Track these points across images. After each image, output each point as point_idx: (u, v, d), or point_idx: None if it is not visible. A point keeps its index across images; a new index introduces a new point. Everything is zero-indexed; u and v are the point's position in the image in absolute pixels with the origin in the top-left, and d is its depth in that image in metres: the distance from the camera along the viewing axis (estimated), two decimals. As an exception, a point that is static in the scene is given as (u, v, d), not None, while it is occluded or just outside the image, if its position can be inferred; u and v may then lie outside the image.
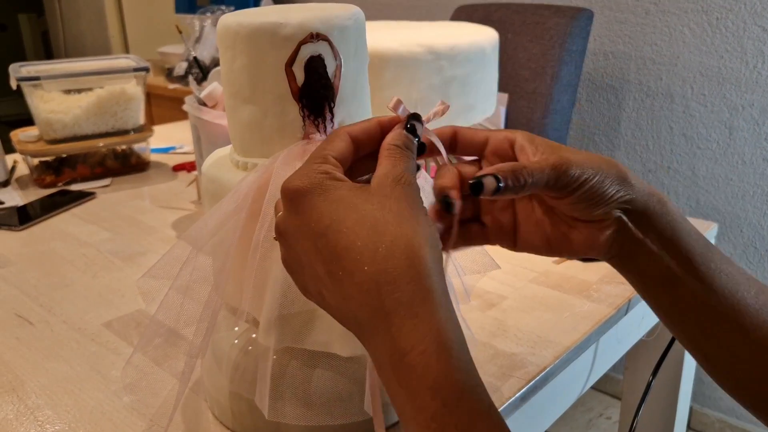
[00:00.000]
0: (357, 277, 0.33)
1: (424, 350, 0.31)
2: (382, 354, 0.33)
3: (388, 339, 0.32)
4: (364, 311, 0.33)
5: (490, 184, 0.38)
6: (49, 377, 0.62)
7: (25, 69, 1.19)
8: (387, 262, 0.33)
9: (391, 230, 0.33)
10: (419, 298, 0.32)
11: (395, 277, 0.32)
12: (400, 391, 0.32)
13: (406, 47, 0.80)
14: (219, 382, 0.54)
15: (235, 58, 0.48)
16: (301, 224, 0.36)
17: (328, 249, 0.34)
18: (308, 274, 0.36)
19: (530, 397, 0.59)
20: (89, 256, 0.89)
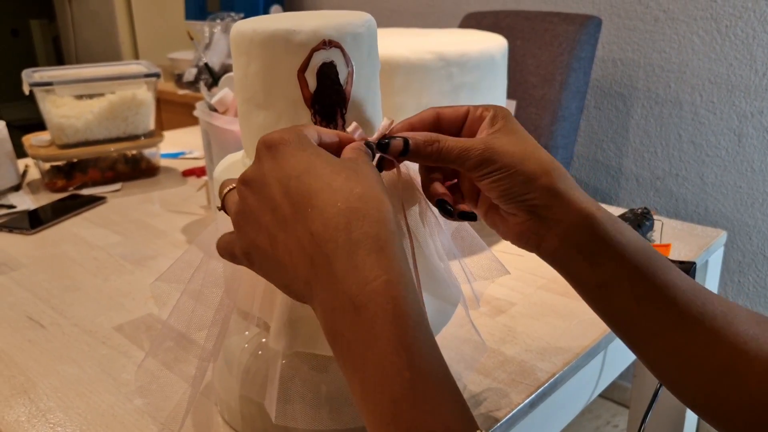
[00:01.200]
0: (327, 212, 0.35)
1: (388, 280, 0.33)
2: (337, 289, 0.33)
3: (350, 268, 0.33)
4: (325, 247, 0.34)
5: (397, 145, 0.43)
6: (60, 380, 0.62)
7: (38, 74, 1.20)
8: (359, 202, 0.35)
9: (364, 184, 0.36)
10: (384, 238, 0.34)
11: (366, 216, 0.35)
12: (355, 321, 0.33)
13: (416, 54, 0.80)
14: (229, 386, 0.54)
15: (249, 64, 0.49)
16: (275, 168, 0.37)
17: (300, 189, 0.36)
18: (264, 221, 0.37)
19: (539, 403, 0.59)
20: (100, 260, 0.89)
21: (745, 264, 1.61)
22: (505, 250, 0.84)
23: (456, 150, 0.43)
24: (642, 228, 0.87)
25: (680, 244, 0.89)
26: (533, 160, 0.43)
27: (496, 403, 0.57)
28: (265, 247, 0.37)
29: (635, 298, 0.42)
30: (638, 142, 1.72)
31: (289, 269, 0.36)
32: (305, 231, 0.35)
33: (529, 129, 1.57)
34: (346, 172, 0.37)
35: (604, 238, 0.42)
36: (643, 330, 0.42)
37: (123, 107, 1.20)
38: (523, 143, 0.44)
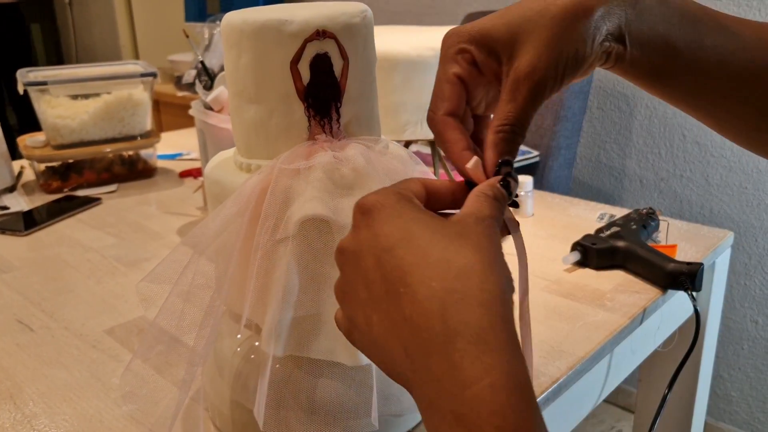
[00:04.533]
0: (421, 293, 0.29)
1: (493, 383, 0.27)
2: (435, 388, 0.28)
3: (448, 367, 0.28)
4: (419, 336, 0.29)
5: (515, 186, 0.37)
6: (48, 385, 0.61)
7: (33, 74, 1.18)
8: (458, 281, 0.29)
9: (468, 254, 0.30)
10: (489, 325, 0.28)
11: (465, 297, 0.29)
12: (455, 431, 0.27)
13: (416, 50, 0.79)
14: (220, 391, 0.52)
15: (240, 56, 0.47)
16: (369, 238, 0.33)
17: (392, 264, 0.31)
18: (360, 297, 0.33)
19: (543, 409, 0.57)
20: (93, 262, 0.87)
21: (751, 266, 1.59)
22: (507, 252, 0.82)
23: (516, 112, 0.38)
24: (647, 229, 0.85)
25: (687, 245, 0.87)
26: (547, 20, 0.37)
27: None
28: (362, 326, 0.33)
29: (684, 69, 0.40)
30: (642, 142, 1.70)
31: (386, 353, 0.32)
32: (399, 314, 0.30)
33: (531, 130, 1.55)
34: (447, 240, 0.31)
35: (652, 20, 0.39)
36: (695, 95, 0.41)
37: (119, 107, 1.19)
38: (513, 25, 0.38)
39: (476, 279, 0.30)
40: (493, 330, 0.28)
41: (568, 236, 0.88)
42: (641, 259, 0.77)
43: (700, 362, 0.89)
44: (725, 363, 1.67)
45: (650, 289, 0.75)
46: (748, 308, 1.62)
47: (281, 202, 0.44)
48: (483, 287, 0.29)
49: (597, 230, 0.84)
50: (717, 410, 1.72)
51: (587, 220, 0.96)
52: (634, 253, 0.77)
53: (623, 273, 0.79)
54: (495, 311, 0.29)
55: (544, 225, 0.94)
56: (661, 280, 0.74)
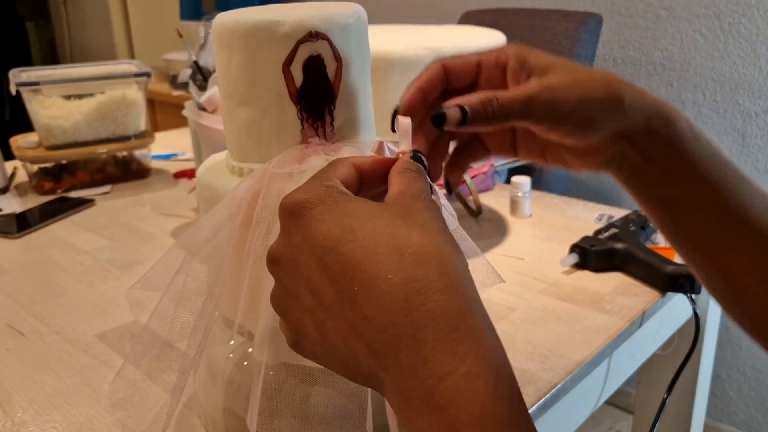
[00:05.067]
0: (378, 289, 0.28)
1: (468, 372, 0.26)
2: (408, 383, 0.27)
3: (419, 360, 0.26)
4: (384, 333, 0.27)
5: (454, 115, 0.36)
6: (37, 391, 0.59)
7: (25, 74, 1.17)
8: (415, 269, 0.28)
9: (417, 237, 0.29)
10: (456, 310, 0.27)
11: (426, 285, 0.27)
12: (434, 424, 0.26)
13: (411, 50, 0.78)
14: (213, 398, 0.51)
15: (231, 58, 0.46)
16: (304, 240, 0.30)
17: (339, 262, 0.29)
18: (306, 305, 0.31)
19: (540, 415, 0.57)
20: (86, 265, 0.86)
21: (749, 266, 1.58)
22: (504, 253, 0.81)
23: (519, 102, 0.36)
24: (646, 230, 0.84)
25: (685, 247, 0.86)
26: (597, 83, 0.37)
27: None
28: (313, 335, 0.31)
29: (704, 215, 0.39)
30: (640, 142, 1.69)
31: (348, 358, 0.30)
32: (357, 315, 0.28)
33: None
34: (393, 226, 0.29)
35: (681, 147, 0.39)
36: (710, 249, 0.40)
37: (112, 107, 1.17)
38: (571, 70, 0.38)
39: (433, 263, 0.28)
40: (462, 315, 0.27)
41: (566, 238, 0.87)
42: (640, 261, 0.76)
43: (700, 365, 0.88)
44: (724, 363, 1.67)
45: (649, 291, 0.74)
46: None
47: (273, 207, 0.43)
48: (442, 270, 0.28)
49: (595, 232, 0.83)
50: (715, 410, 1.71)
51: (585, 221, 0.95)
52: (633, 255, 0.77)
53: (622, 275, 0.78)
54: (460, 294, 0.28)
55: (542, 226, 0.93)
56: (661, 283, 0.73)
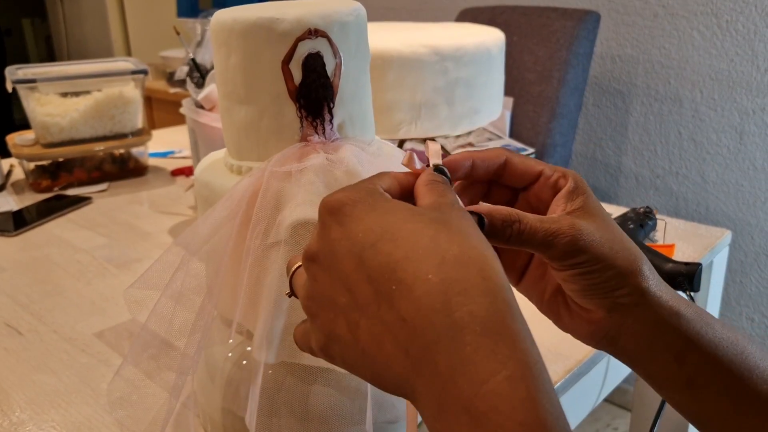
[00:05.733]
0: (418, 289, 0.27)
1: (511, 375, 0.25)
2: (446, 388, 0.26)
3: (458, 363, 0.25)
4: (422, 336, 0.27)
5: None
6: (36, 390, 0.59)
7: (22, 71, 1.17)
8: (456, 270, 0.27)
9: (457, 242, 0.28)
10: (497, 314, 0.26)
11: (467, 288, 0.27)
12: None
13: (410, 48, 0.77)
14: (212, 398, 0.51)
15: (230, 56, 0.46)
16: (344, 237, 0.30)
17: (378, 261, 0.28)
18: (341, 304, 0.30)
19: (540, 413, 0.57)
20: (83, 263, 0.86)
21: (747, 264, 1.59)
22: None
23: (540, 233, 0.35)
24: (644, 228, 0.84)
25: (684, 245, 0.86)
26: (624, 252, 0.37)
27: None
28: (346, 336, 0.30)
29: (729, 400, 0.36)
30: (637, 140, 1.69)
31: (380, 363, 0.29)
32: (394, 315, 0.27)
33: (527, 127, 1.54)
34: (433, 228, 0.29)
35: (693, 336, 0.37)
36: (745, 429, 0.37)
37: (109, 105, 1.17)
38: (610, 230, 0.37)
39: (474, 267, 0.28)
40: (503, 319, 0.27)
41: (564, 235, 0.87)
42: (639, 259, 0.76)
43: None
44: (721, 360, 1.67)
45: (648, 289, 0.74)
46: (744, 306, 1.62)
47: (272, 206, 0.43)
48: (484, 275, 0.27)
49: (594, 230, 0.83)
50: (712, 407, 1.71)
51: (583, 218, 0.95)
52: (632, 253, 0.77)
53: (620, 273, 0.78)
54: (501, 298, 0.27)
55: (540, 224, 0.93)
56: (659, 281, 0.73)
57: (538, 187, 0.39)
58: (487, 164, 0.39)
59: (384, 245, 0.28)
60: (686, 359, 0.37)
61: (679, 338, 0.37)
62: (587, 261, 0.36)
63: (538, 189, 0.39)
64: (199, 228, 0.45)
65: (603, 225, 0.37)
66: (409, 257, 0.28)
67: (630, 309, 0.37)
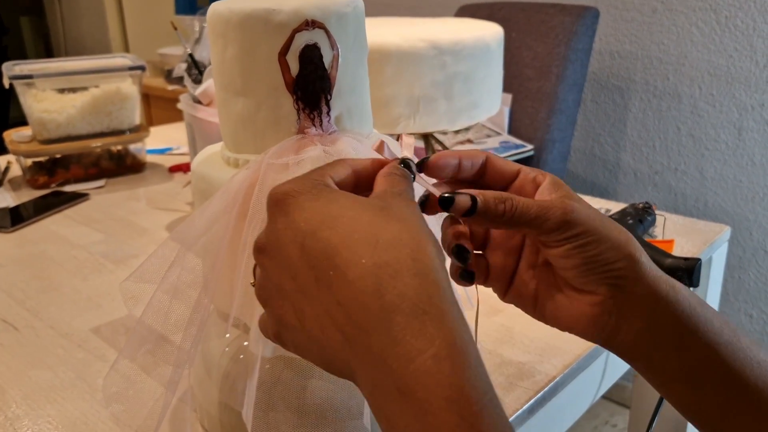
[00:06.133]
0: (352, 273, 0.28)
1: (436, 354, 0.26)
2: (378, 367, 0.27)
3: (388, 343, 0.27)
4: (356, 318, 0.28)
5: (464, 202, 0.36)
6: (31, 386, 0.59)
7: (18, 67, 1.16)
8: (388, 253, 0.28)
9: (393, 226, 0.30)
10: (426, 294, 0.28)
11: (398, 270, 0.28)
12: (403, 409, 0.26)
13: (408, 42, 0.77)
14: (209, 392, 0.51)
15: (226, 48, 0.45)
16: (287, 226, 0.31)
17: (317, 248, 0.30)
18: (287, 291, 0.31)
19: (538, 409, 0.56)
20: (80, 259, 0.86)
21: (745, 260, 1.58)
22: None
23: (534, 209, 0.36)
24: (644, 223, 0.83)
25: (683, 240, 0.86)
26: (614, 227, 0.37)
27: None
28: (293, 322, 0.31)
29: (726, 392, 0.36)
30: (636, 135, 1.69)
31: (324, 347, 0.30)
32: (332, 300, 0.29)
33: (526, 123, 1.54)
34: (370, 215, 0.30)
35: (692, 315, 0.37)
36: (737, 424, 0.37)
37: (107, 101, 1.16)
38: (595, 210, 0.38)
39: (406, 249, 0.29)
40: (431, 299, 0.28)
41: (563, 231, 0.87)
42: (638, 254, 0.75)
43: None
44: (719, 356, 1.67)
45: (647, 284, 0.74)
46: (743, 302, 1.62)
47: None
48: (415, 256, 0.29)
49: (592, 225, 0.82)
50: (711, 404, 1.71)
51: (582, 214, 0.95)
52: (631, 247, 0.76)
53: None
54: (431, 279, 0.28)
55: (538, 219, 0.93)
56: (658, 276, 0.73)
57: (519, 184, 0.40)
58: (472, 162, 0.39)
59: (323, 232, 0.30)
60: (687, 348, 0.37)
61: (680, 320, 0.37)
62: (582, 233, 0.36)
63: (519, 185, 0.40)
64: (195, 221, 0.45)
65: (588, 207, 0.38)
66: (346, 243, 0.29)
67: (630, 285, 0.37)
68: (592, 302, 0.37)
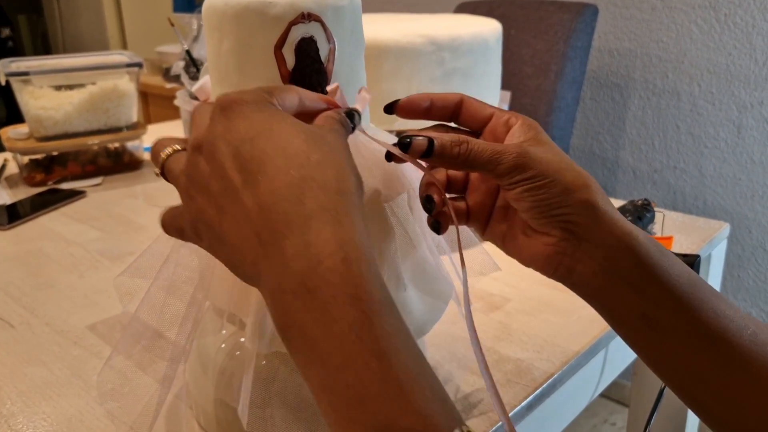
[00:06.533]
0: (279, 181, 0.31)
1: (346, 257, 0.29)
2: (288, 268, 0.29)
3: (301, 245, 0.29)
4: (275, 221, 0.30)
5: (420, 144, 0.38)
6: (27, 383, 0.59)
7: (15, 64, 1.16)
8: (315, 170, 0.31)
9: (324, 150, 0.33)
10: (344, 209, 0.30)
11: (323, 186, 0.31)
12: (306, 305, 0.28)
13: (406, 38, 0.77)
14: (205, 389, 0.51)
15: (222, 41, 0.45)
16: (226, 130, 0.33)
17: (252, 153, 0.32)
18: (213, 190, 0.33)
19: (536, 405, 0.56)
20: (76, 256, 0.85)
21: (744, 258, 1.58)
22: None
23: (488, 152, 0.38)
24: (643, 220, 0.83)
25: (682, 237, 0.85)
26: (571, 171, 0.39)
27: (490, 405, 0.54)
28: (213, 219, 0.33)
29: (683, 334, 0.37)
30: (635, 133, 1.69)
31: (236, 246, 0.32)
32: (253, 202, 0.31)
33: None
34: (307, 135, 0.33)
35: (648, 262, 0.38)
36: (691, 370, 0.38)
37: (104, 98, 1.16)
38: (558, 154, 0.40)
39: (332, 171, 0.31)
40: (348, 213, 0.30)
41: (561, 228, 0.86)
42: (636, 250, 0.75)
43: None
44: (718, 355, 1.67)
45: (646, 281, 0.73)
46: (742, 300, 1.61)
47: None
48: (339, 177, 0.31)
49: (591, 222, 0.82)
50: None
51: (581, 211, 0.95)
52: (630, 244, 0.76)
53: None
54: (350, 200, 0.31)
55: (537, 217, 0.92)
56: (657, 272, 0.73)
57: (492, 126, 0.42)
58: (444, 103, 0.42)
59: (260, 141, 0.32)
60: (642, 287, 0.38)
61: (636, 264, 0.38)
62: (533, 177, 0.38)
63: (492, 128, 0.42)
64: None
65: (552, 151, 0.40)
66: (279, 154, 0.31)
67: (584, 229, 0.38)
68: (546, 243, 0.40)
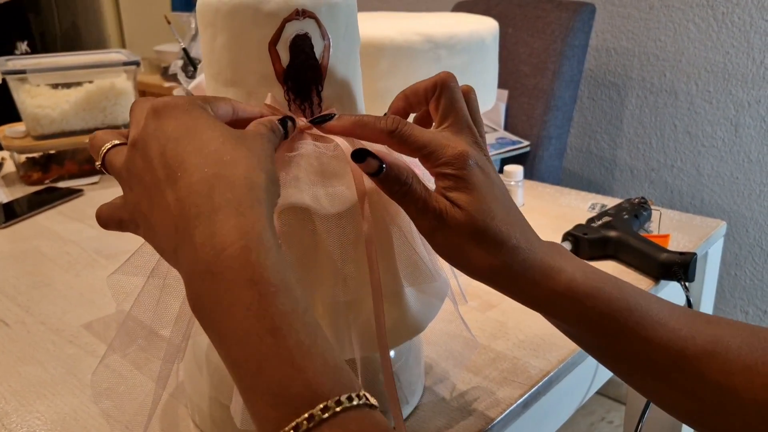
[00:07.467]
0: (194, 177, 0.34)
1: (245, 246, 0.32)
2: (197, 255, 0.32)
3: (208, 235, 0.32)
4: (188, 213, 0.33)
5: (371, 164, 0.41)
6: (21, 382, 0.58)
7: (12, 62, 1.15)
8: (227, 169, 0.34)
9: (240, 151, 0.35)
10: (248, 203, 0.33)
11: (231, 182, 0.34)
12: (212, 287, 0.31)
13: (403, 35, 0.77)
14: (200, 387, 0.51)
15: (216, 37, 0.45)
16: (157, 129, 0.36)
17: (175, 152, 0.35)
18: (146, 183, 0.36)
19: (532, 403, 0.56)
20: (73, 255, 0.85)
21: (741, 256, 1.58)
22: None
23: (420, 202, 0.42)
24: (639, 218, 0.83)
25: (679, 235, 0.85)
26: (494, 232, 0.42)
27: (487, 402, 0.54)
28: (145, 211, 0.37)
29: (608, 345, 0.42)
30: (633, 132, 1.69)
31: (162, 234, 0.36)
32: (173, 196, 0.34)
33: (522, 119, 1.53)
34: (224, 138, 0.36)
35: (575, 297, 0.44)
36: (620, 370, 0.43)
37: (101, 97, 1.16)
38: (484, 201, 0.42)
39: (242, 169, 0.34)
40: (252, 208, 0.33)
41: (559, 226, 0.86)
42: (633, 249, 0.75)
43: (693, 353, 0.87)
44: (716, 354, 1.67)
45: (643, 279, 0.73)
46: (738, 298, 1.61)
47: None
48: (248, 175, 0.34)
49: (588, 220, 0.82)
50: (707, 401, 1.71)
51: (578, 209, 0.95)
52: (626, 243, 0.76)
53: (615, 263, 0.77)
54: (256, 195, 0.34)
55: (534, 215, 0.92)
56: (654, 271, 0.73)
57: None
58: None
59: (182, 142, 0.35)
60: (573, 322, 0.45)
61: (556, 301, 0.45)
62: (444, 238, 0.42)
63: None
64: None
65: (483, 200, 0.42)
66: (197, 153, 0.35)
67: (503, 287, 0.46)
68: None
